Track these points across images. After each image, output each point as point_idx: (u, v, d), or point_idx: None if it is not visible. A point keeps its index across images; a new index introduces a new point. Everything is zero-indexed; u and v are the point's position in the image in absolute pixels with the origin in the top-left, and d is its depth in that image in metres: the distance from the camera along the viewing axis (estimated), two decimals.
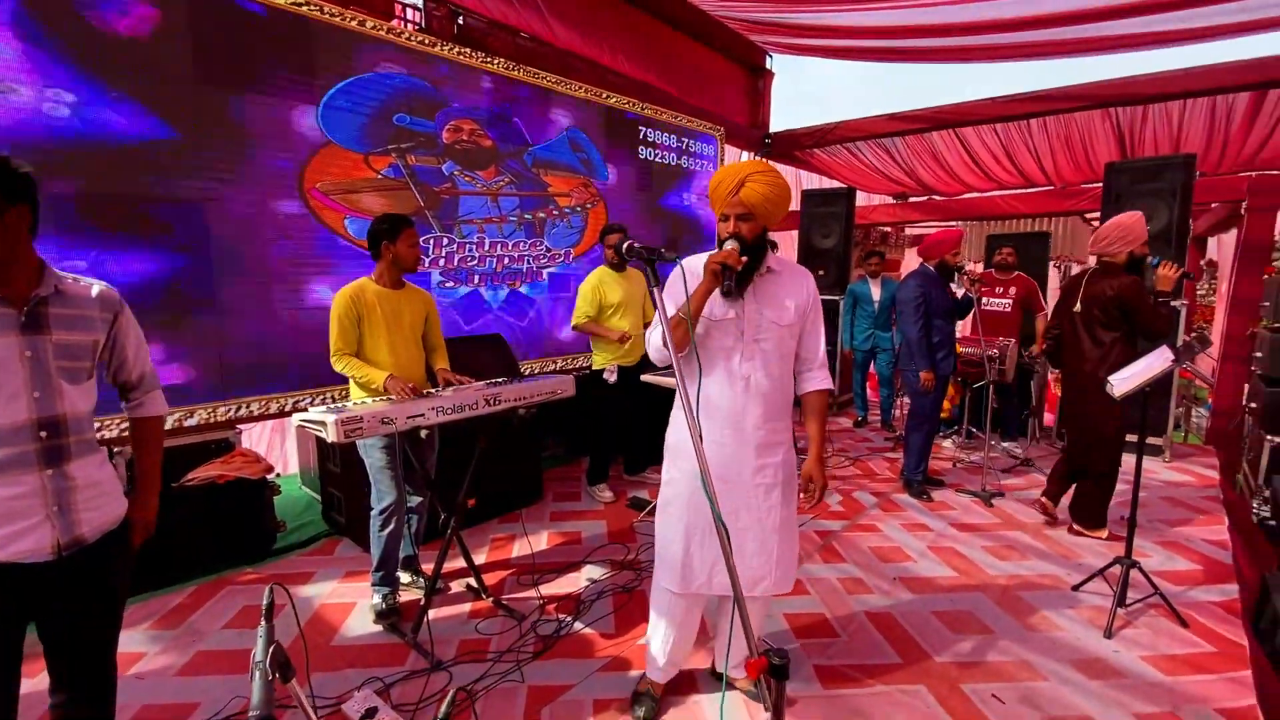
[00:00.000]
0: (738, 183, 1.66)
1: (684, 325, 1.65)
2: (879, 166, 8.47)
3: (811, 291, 1.84)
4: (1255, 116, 5.86)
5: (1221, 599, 2.71)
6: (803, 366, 1.87)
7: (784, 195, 1.70)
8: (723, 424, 1.77)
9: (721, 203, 1.71)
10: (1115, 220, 3.18)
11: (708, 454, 1.77)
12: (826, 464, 3.24)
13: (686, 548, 1.81)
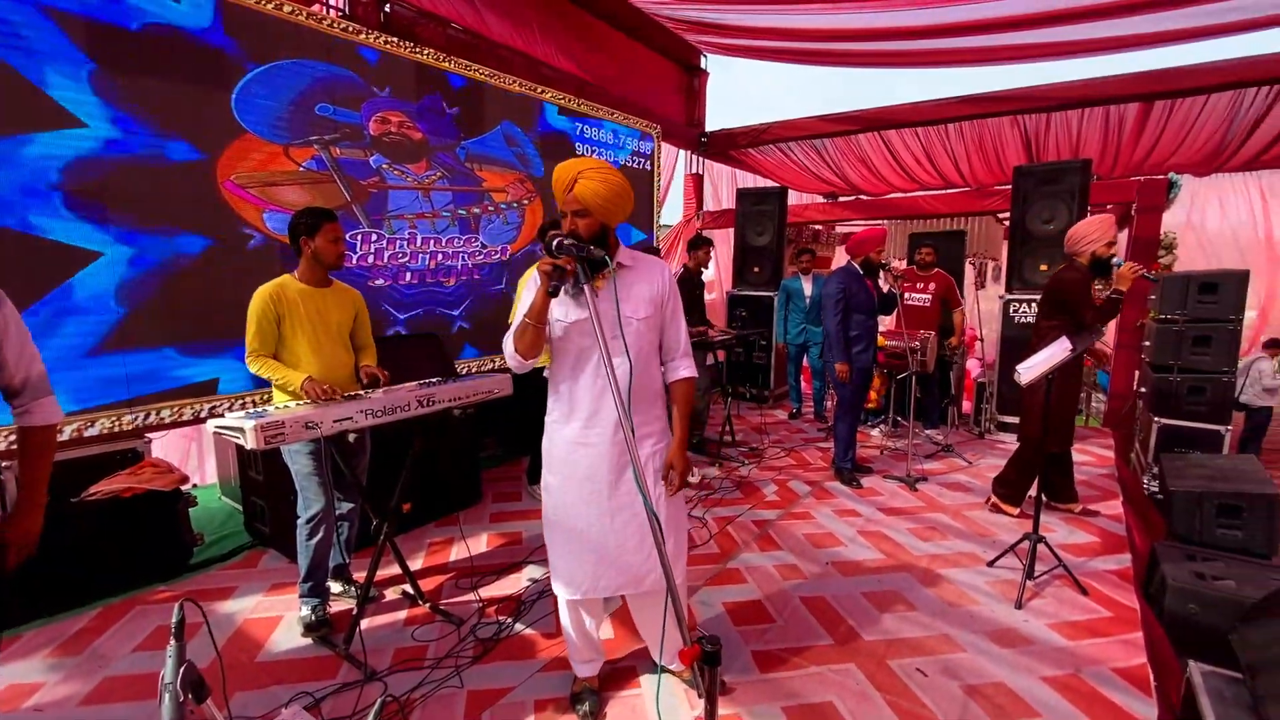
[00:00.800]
0: (571, 179, 1.66)
1: (532, 329, 1.66)
2: (810, 166, 8.75)
3: (667, 282, 1.84)
4: (1143, 125, 6.41)
5: (1117, 568, 2.97)
6: (667, 356, 1.91)
7: (619, 192, 1.69)
8: (593, 423, 1.79)
9: (559, 200, 1.71)
10: (1080, 223, 3.38)
11: (580, 456, 1.81)
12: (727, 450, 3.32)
13: (570, 555, 1.85)
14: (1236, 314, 4.32)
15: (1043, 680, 2.12)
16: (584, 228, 1.68)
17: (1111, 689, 2.09)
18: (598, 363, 1.73)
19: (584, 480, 1.82)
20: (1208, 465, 3.65)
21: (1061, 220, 4.90)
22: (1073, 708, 1.99)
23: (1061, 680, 2.13)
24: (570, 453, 1.83)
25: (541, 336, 1.70)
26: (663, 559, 1.16)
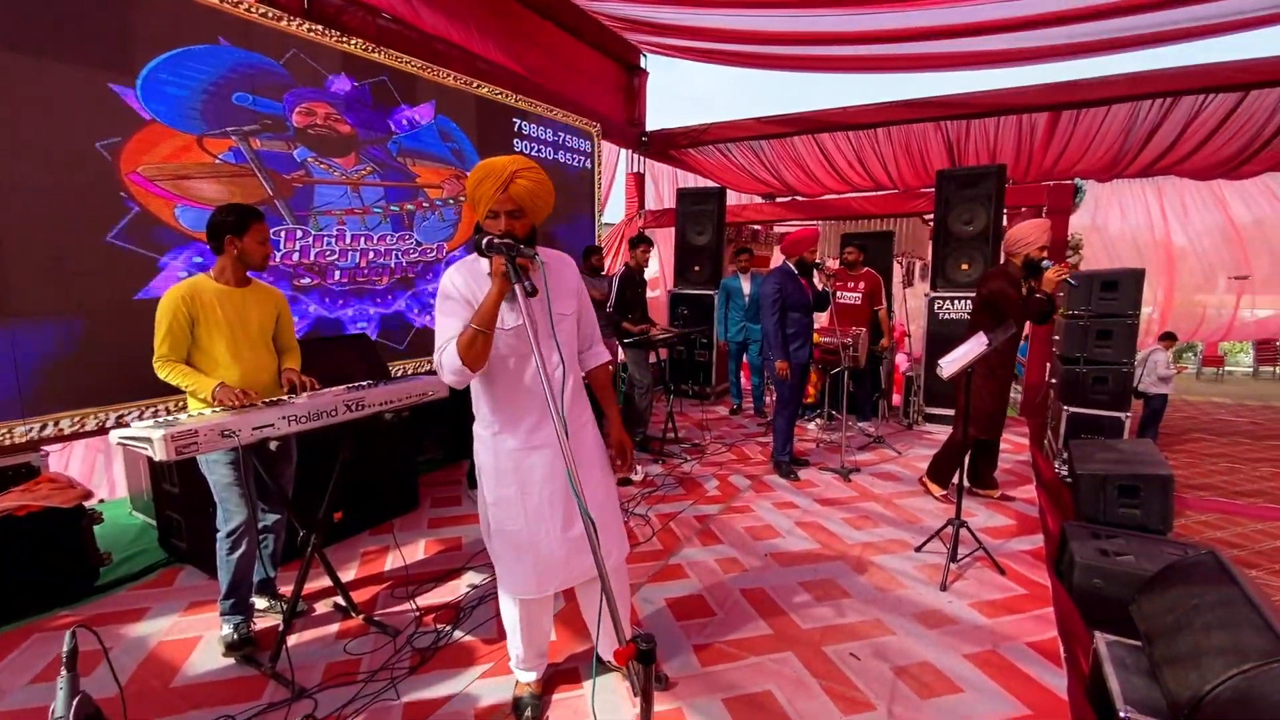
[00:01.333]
0: (507, 178, 1.59)
1: (483, 337, 1.59)
2: (748, 168, 8.93)
3: (577, 274, 1.90)
4: (1052, 133, 6.86)
5: (1031, 548, 3.17)
6: (584, 345, 1.95)
7: (550, 191, 1.69)
8: (542, 425, 1.78)
9: (489, 200, 1.61)
10: (1019, 225, 3.55)
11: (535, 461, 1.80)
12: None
13: (527, 559, 1.83)
14: (1134, 309, 4.70)
15: (964, 657, 2.25)
16: (521, 229, 1.64)
17: (1026, 662, 2.23)
18: (537, 363, 1.69)
19: (544, 483, 1.79)
20: (1110, 449, 3.95)
21: (980, 222, 5.19)
22: (991, 681, 2.12)
23: (981, 656, 2.26)
24: (523, 460, 1.78)
25: (490, 344, 1.62)
26: (598, 561, 1.16)
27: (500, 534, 1.84)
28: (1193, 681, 1.95)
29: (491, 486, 1.84)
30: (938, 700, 2.02)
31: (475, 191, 1.64)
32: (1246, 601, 2.11)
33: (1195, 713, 1.88)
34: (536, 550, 1.81)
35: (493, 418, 1.80)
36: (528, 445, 1.78)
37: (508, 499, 1.81)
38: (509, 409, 1.77)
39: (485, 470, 1.84)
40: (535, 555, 1.82)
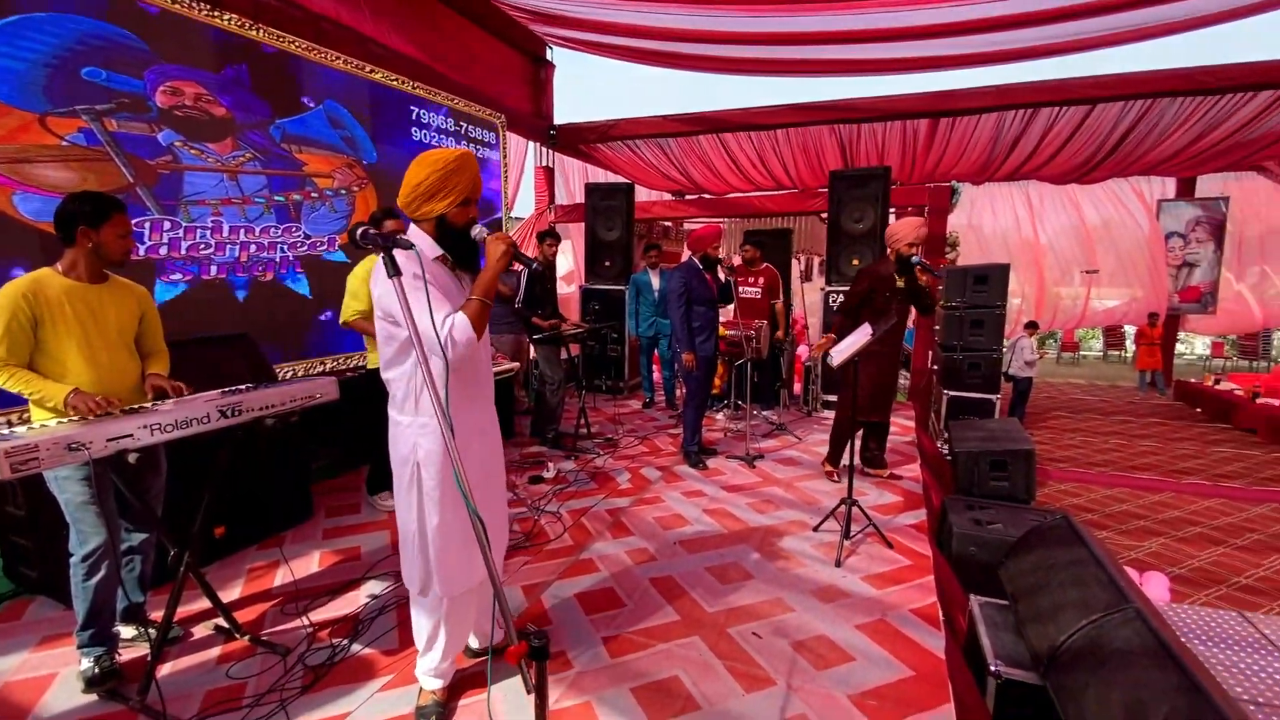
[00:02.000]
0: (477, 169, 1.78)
1: (486, 308, 1.70)
2: (657, 164, 9.05)
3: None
4: (932, 138, 7.41)
5: (915, 521, 3.43)
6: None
7: None
8: (484, 410, 1.87)
9: (466, 189, 1.75)
10: (896, 222, 3.82)
11: (477, 445, 1.84)
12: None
13: (468, 549, 1.85)
14: (1002, 301, 5.17)
15: (856, 628, 2.40)
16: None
17: (910, 628, 2.42)
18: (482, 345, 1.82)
19: (482, 465, 1.86)
20: (982, 429, 4.34)
21: (869, 220, 5.54)
22: (879, 648, 2.28)
23: (871, 625, 2.42)
24: (472, 441, 1.84)
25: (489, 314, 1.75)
26: (488, 561, 1.14)
27: (445, 526, 1.81)
28: (1050, 634, 2.18)
29: (437, 474, 1.79)
30: (832, 670, 2.14)
31: (449, 181, 1.71)
32: (1094, 560, 2.37)
33: (1052, 662, 2.10)
34: (461, 539, 1.84)
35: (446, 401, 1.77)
36: (478, 427, 1.86)
37: (432, 487, 1.80)
38: (467, 389, 1.81)
39: (432, 459, 1.79)
40: (464, 546, 1.85)
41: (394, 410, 1.85)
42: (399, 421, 1.83)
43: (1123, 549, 5.12)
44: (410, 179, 1.73)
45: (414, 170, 1.73)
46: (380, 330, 1.76)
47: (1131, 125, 6.74)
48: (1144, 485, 6.68)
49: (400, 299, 1.37)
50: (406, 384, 1.79)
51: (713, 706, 1.96)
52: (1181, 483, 6.78)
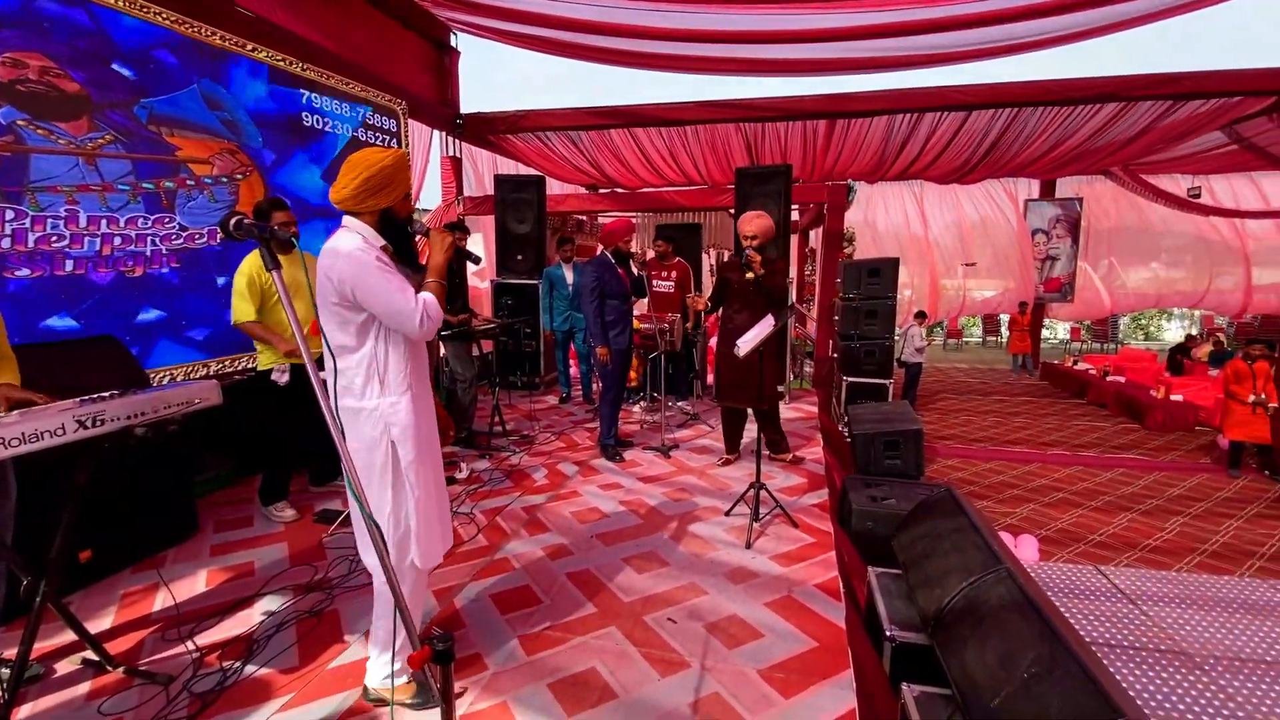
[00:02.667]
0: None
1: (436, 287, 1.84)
2: (569, 157, 8.97)
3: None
4: (830, 138, 7.81)
5: (818, 501, 3.63)
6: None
7: None
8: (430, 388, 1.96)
9: (407, 185, 1.87)
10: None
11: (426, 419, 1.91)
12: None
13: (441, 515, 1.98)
14: (893, 292, 5.54)
15: (765, 605, 2.51)
16: None
17: (814, 602, 2.56)
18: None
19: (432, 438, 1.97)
20: (877, 411, 4.64)
21: (774, 216, 5.75)
22: (786, 623, 2.40)
23: (779, 602, 2.54)
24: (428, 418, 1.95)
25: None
26: (385, 566, 1.10)
27: (425, 494, 1.90)
28: (936, 597, 2.37)
29: (413, 447, 1.87)
30: (742, 648, 2.23)
31: (396, 176, 1.80)
32: (973, 528, 2.59)
33: (938, 622, 2.29)
34: (438, 509, 1.96)
35: (409, 376, 1.87)
36: (429, 403, 1.95)
37: (429, 453, 1.92)
38: (420, 368, 1.92)
39: (407, 434, 1.85)
40: (439, 515, 1.97)
41: (350, 399, 1.82)
42: (361, 408, 1.82)
43: (999, 515, 5.65)
44: (355, 174, 1.77)
45: (358, 166, 1.77)
46: (334, 316, 1.76)
47: (1001, 131, 7.41)
48: (1016, 457, 7.41)
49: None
50: (368, 368, 1.81)
51: (629, 694, 1.99)
52: (1047, 454, 7.58)
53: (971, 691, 1.87)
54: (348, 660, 2.16)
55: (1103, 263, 12.58)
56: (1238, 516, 5.67)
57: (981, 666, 1.93)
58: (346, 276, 1.71)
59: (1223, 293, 12.40)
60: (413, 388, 1.86)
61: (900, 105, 6.85)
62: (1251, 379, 6.43)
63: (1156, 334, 19.35)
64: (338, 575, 2.73)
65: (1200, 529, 5.40)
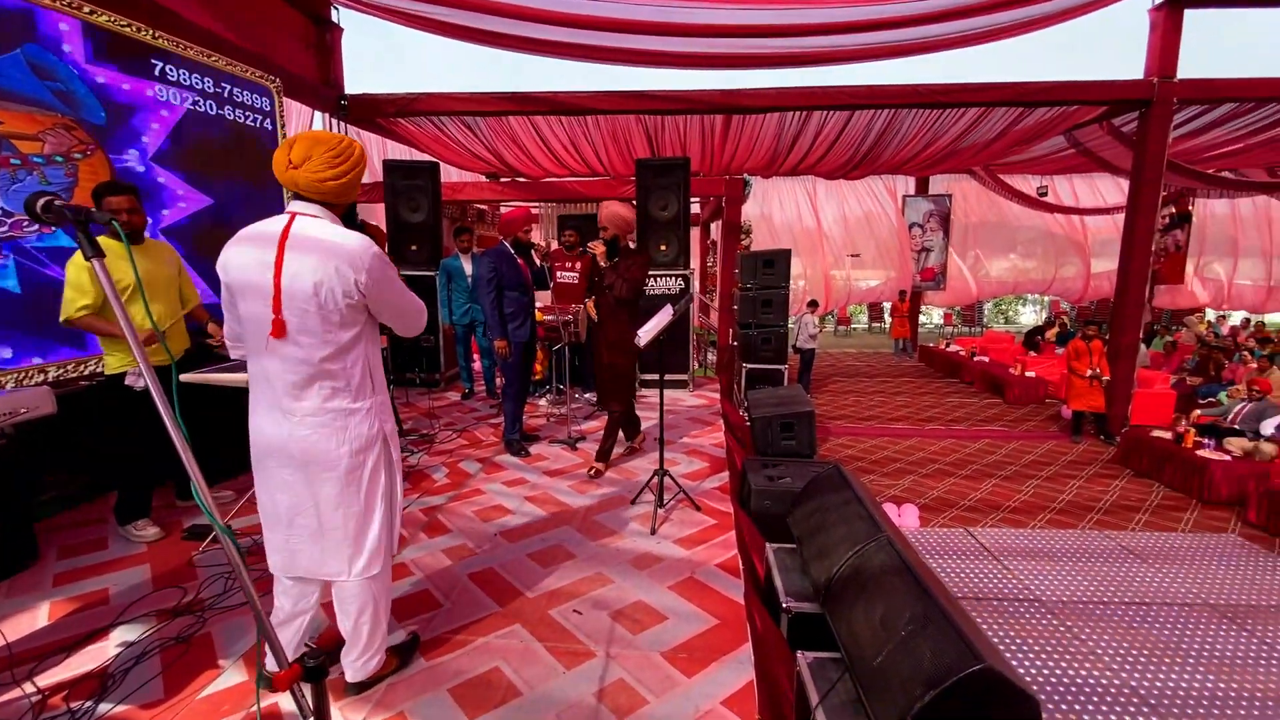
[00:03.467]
0: None
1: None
2: (466, 144, 8.65)
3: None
4: (727, 133, 8.03)
5: (720, 484, 3.75)
6: None
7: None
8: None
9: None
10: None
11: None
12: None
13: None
14: (786, 282, 5.80)
15: (669, 589, 2.57)
16: None
17: (715, 581, 2.65)
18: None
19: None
20: (774, 395, 4.86)
21: (673, 208, 5.85)
22: (689, 604, 2.46)
23: (682, 584, 2.61)
24: None
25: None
26: (244, 583, 1.01)
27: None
28: (826, 568, 2.52)
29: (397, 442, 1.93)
30: (647, 633, 2.27)
31: (358, 169, 1.75)
32: (858, 500, 2.76)
33: (828, 591, 2.43)
34: None
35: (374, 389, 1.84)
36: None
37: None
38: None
39: (394, 431, 1.92)
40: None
41: (345, 401, 1.75)
42: (357, 409, 1.77)
43: (884, 487, 6.11)
44: (346, 162, 1.72)
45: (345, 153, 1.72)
46: (336, 316, 1.67)
47: (881, 131, 7.94)
48: (899, 434, 8.03)
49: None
50: (363, 367, 1.78)
51: (534, 690, 1.97)
52: (924, 429, 8.28)
53: (858, 652, 2.01)
54: (223, 686, 1.98)
55: (970, 254, 13.86)
56: (1079, 477, 6.47)
57: (866, 628, 2.07)
58: (376, 274, 1.69)
59: (1067, 280, 14.04)
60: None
61: (790, 103, 7.16)
62: (1088, 356, 7.33)
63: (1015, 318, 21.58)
64: (211, 595, 2.50)
65: (1050, 489, 6.11)
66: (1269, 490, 5.21)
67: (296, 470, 1.74)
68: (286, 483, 1.75)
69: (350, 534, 1.81)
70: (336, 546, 1.80)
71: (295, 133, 5.91)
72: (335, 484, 1.75)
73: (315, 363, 1.69)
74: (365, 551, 1.84)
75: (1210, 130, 8.15)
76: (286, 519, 1.78)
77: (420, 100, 7.55)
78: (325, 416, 1.72)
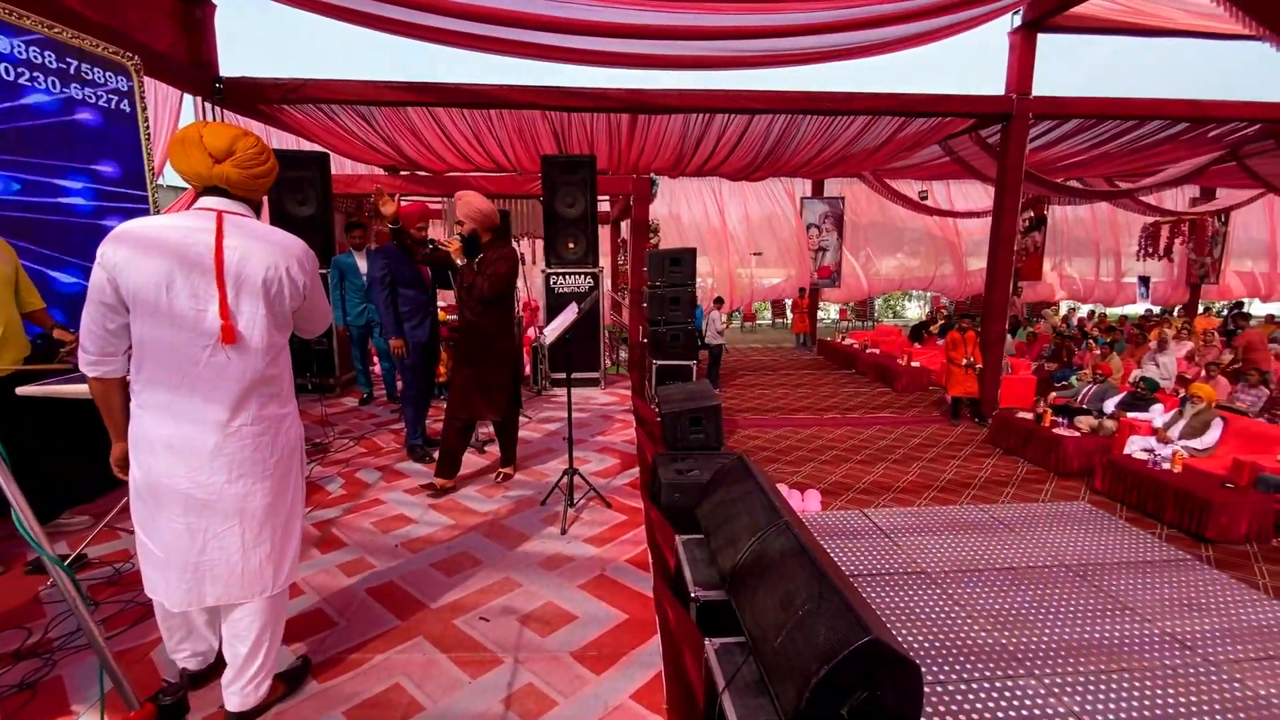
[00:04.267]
0: None
1: None
2: (360, 134, 8.19)
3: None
4: (634, 133, 8.09)
5: (631, 480, 3.78)
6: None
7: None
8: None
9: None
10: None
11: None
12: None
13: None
14: (692, 280, 5.93)
15: (579, 588, 2.56)
16: None
17: (625, 576, 2.66)
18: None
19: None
20: (683, 390, 4.96)
21: (580, 205, 5.83)
22: (599, 602, 2.46)
23: (593, 582, 2.60)
24: None
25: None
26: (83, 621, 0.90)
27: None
28: (731, 555, 2.60)
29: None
30: (557, 634, 2.25)
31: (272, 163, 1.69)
32: (759, 489, 2.88)
33: (733, 578, 2.51)
34: None
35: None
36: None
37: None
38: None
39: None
40: None
41: (278, 407, 1.67)
42: (287, 413, 1.71)
43: (787, 475, 6.40)
44: (264, 164, 1.66)
45: (260, 154, 1.64)
46: (279, 319, 1.62)
47: (779, 136, 8.30)
48: (800, 423, 8.45)
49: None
50: (289, 369, 1.72)
51: (437, 704, 1.89)
52: (823, 418, 8.76)
53: (760, 635, 2.09)
54: None
55: (861, 253, 14.79)
56: (958, 457, 7.08)
57: (768, 612, 2.16)
58: (310, 272, 1.67)
59: (946, 277, 15.30)
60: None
61: (694, 104, 7.32)
62: (964, 346, 8.03)
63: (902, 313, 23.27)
64: (62, 635, 2.22)
65: (934, 470, 6.64)
66: (1111, 461, 5.93)
67: (219, 490, 1.57)
68: (199, 508, 1.56)
69: (278, 545, 1.70)
70: (263, 563, 1.67)
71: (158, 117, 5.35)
72: (267, 494, 1.63)
73: (260, 369, 1.59)
74: (288, 562, 1.75)
75: (1060, 143, 9.16)
76: (198, 547, 1.59)
77: (309, 86, 7.07)
78: (260, 425, 1.62)
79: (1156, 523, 5.28)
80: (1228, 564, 4.58)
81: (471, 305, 3.34)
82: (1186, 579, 4.35)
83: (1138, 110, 7.84)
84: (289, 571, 1.77)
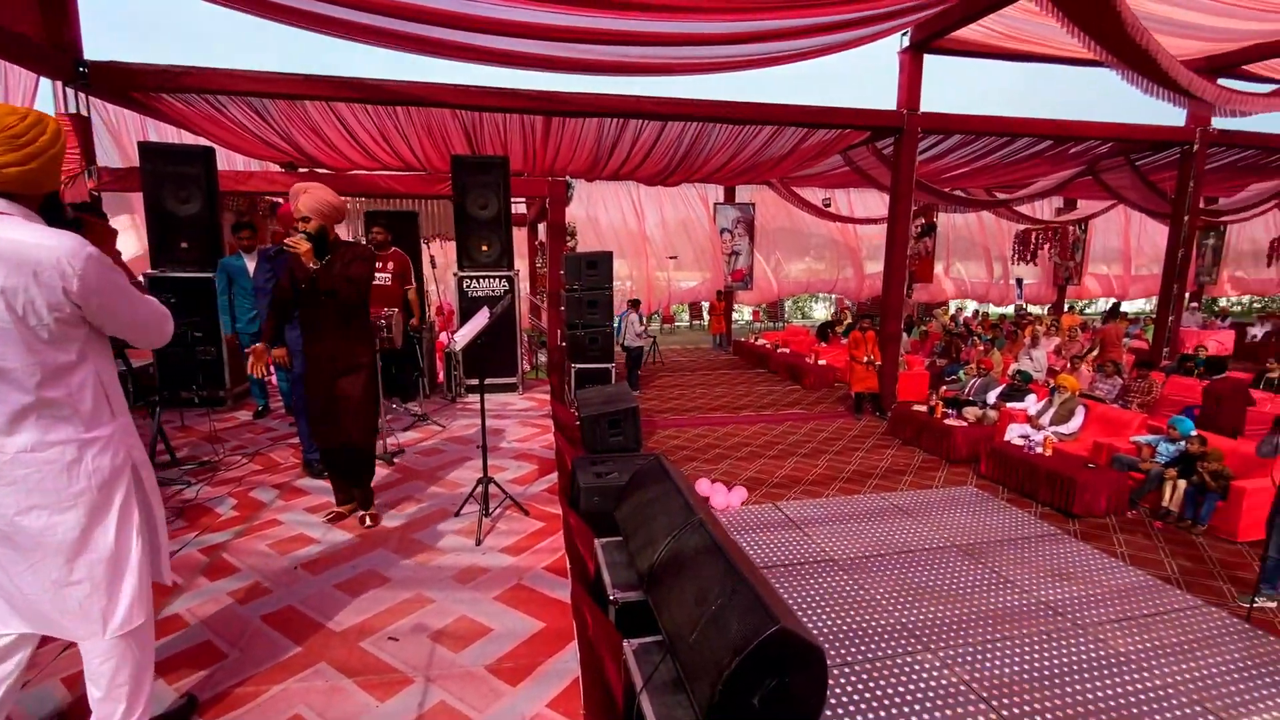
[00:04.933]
0: None
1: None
2: (252, 128, 7.63)
3: None
4: (548, 135, 8.02)
5: (549, 486, 3.74)
6: None
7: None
8: None
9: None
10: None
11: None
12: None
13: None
14: (609, 283, 5.96)
15: (495, 599, 2.50)
16: None
17: (543, 584, 2.63)
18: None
19: None
20: (602, 393, 4.97)
21: (493, 207, 5.71)
22: (516, 612, 2.42)
23: (509, 593, 2.55)
24: None
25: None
26: None
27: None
28: (649, 556, 2.63)
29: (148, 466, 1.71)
30: (470, 649, 2.19)
31: (52, 151, 1.45)
32: (675, 489, 2.92)
33: (651, 577, 2.54)
34: None
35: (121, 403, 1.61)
36: None
37: None
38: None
39: (143, 455, 1.69)
40: None
41: (74, 430, 1.47)
42: (94, 439, 1.51)
43: (706, 473, 6.54)
44: (29, 143, 1.40)
45: (16, 139, 1.38)
46: (45, 334, 1.40)
47: (691, 142, 8.49)
48: (717, 422, 8.67)
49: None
50: (94, 390, 1.52)
51: None
52: (739, 416, 9.04)
53: (676, 633, 2.13)
54: None
55: (772, 257, 15.39)
56: (861, 449, 7.50)
57: (683, 608, 2.20)
58: (92, 280, 1.41)
59: (848, 280, 16.17)
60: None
61: (608, 108, 7.34)
62: (865, 344, 8.53)
63: (810, 313, 24.39)
64: None
65: (840, 462, 7.01)
66: (993, 448, 6.48)
67: (10, 522, 1.41)
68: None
69: (101, 584, 1.52)
70: (84, 602, 1.50)
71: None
72: (74, 528, 1.46)
73: (30, 391, 1.40)
74: (123, 602, 1.56)
75: (947, 155, 9.93)
76: (7, 575, 1.45)
77: (191, 75, 6.50)
78: (50, 452, 1.43)
79: (1032, 501, 5.82)
80: (1091, 536, 5.12)
81: (327, 316, 2.92)
82: (1057, 550, 4.82)
83: (1010, 128, 8.63)
84: (127, 613, 1.56)
